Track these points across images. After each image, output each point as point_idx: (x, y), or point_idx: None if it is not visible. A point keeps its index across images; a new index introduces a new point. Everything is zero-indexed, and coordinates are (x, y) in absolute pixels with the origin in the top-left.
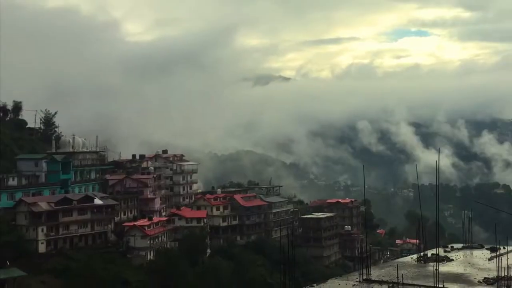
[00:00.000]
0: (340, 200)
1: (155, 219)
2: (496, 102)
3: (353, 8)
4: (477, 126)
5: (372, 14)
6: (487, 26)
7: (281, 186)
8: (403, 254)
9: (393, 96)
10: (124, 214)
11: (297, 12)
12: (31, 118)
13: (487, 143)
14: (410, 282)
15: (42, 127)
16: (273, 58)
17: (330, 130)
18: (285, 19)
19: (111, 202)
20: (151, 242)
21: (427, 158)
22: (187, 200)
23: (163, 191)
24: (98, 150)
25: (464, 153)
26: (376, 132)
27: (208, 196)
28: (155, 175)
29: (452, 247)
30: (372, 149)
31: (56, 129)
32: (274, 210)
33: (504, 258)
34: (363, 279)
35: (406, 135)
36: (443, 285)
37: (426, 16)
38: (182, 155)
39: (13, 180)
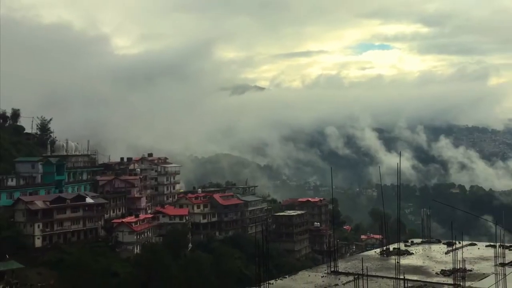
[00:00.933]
0: (310, 199)
1: (142, 216)
2: (452, 109)
3: (322, 24)
4: (435, 132)
5: (339, 29)
6: (443, 40)
7: (256, 186)
8: (367, 248)
9: (358, 104)
10: (113, 212)
11: (270, 27)
12: (28, 124)
13: (444, 147)
14: (374, 274)
15: (38, 132)
16: (248, 69)
17: (301, 135)
18: (259, 34)
19: (101, 201)
20: (138, 237)
21: (389, 160)
22: (171, 199)
23: (148, 191)
24: (89, 153)
25: (423, 156)
26: (342, 137)
27: (189, 195)
28: (141, 176)
29: (412, 241)
30: (339, 153)
31: (51, 134)
32: (249, 208)
33: (459, 252)
34: (331, 271)
35: (370, 140)
36: (404, 277)
37: (388, 31)
38: (166, 158)
39: (12, 180)
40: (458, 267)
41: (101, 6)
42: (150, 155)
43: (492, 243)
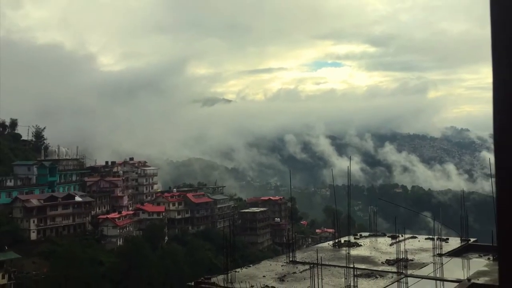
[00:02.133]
0: (271, 197)
1: (124, 212)
2: (396, 119)
3: (282, 44)
4: (380, 139)
5: (297, 49)
6: (388, 59)
7: (224, 186)
8: (321, 241)
9: (314, 114)
10: (99, 209)
11: (237, 47)
12: (25, 132)
13: (389, 152)
14: (327, 263)
15: (34, 139)
16: (217, 84)
17: (263, 142)
18: (227, 53)
19: (88, 199)
20: (121, 231)
21: (340, 164)
22: (149, 197)
23: (130, 190)
24: (78, 158)
25: (370, 160)
26: (300, 143)
27: (166, 194)
28: (123, 178)
29: (360, 235)
30: (297, 157)
31: (44, 141)
32: (218, 206)
33: (402, 244)
34: (289, 260)
35: (324, 146)
36: (354, 265)
37: (339, 51)
38: (145, 162)
39: (10, 181)
40: (401, 257)
41: (88, 29)
42: (131, 159)
43: (430, 236)
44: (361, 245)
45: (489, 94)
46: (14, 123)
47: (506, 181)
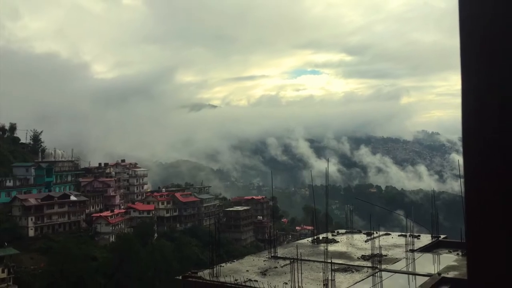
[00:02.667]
0: (254, 197)
1: (116, 211)
2: (370, 123)
3: (264, 53)
4: (356, 142)
5: (278, 58)
6: (363, 67)
7: (210, 186)
8: (301, 237)
9: (294, 119)
10: (93, 207)
11: (222, 56)
12: (23, 136)
13: (364, 154)
14: (306, 258)
15: (31, 142)
16: (203, 91)
17: (246, 145)
18: (213, 61)
19: (83, 198)
20: (113, 228)
21: (319, 165)
22: (140, 197)
23: (121, 190)
24: (73, 159)
25: (347, 162)
26: (281, 146)
27: (155, 194)
28: (115, 178)
29: (337, 232)
30: (278, 159)
31: (42, 144)
32: (204, 205)
33: (376, 240)
34: (271, 256)
35: (303, 148)
36: (331, 260)
37: (318, 60)
38: (136, 163)
39: (9, 182)
40: (376, 253)
41: (83, 39)
42: (123, 161)
43: (403, 233)
44: (338, 242)
45: (458, 100)
46: (13, 127)
47: (474, 182)
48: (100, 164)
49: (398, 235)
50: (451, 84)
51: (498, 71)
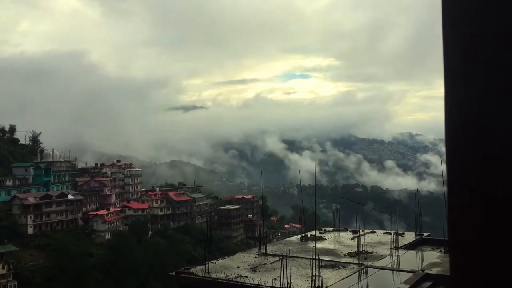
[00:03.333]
0: (244, 196)
1: (112, 209)
2: (357, 125)
3: (255, 58)
4: (343, 143)
5: (269, 62)
6: (351, 71)
7: (202, 186)
8: (289, 235)
9: (284, 121)
10: (89, 206)
11: (215, 60)
12: (23, 137)
13: (350, 155)
14: (295, 255)
15: (30, 143)
16: (197, 93)
17: (238, 146)
18: (206, 65)
19: (80, 197)
20: (109, 226)
21: (307, 166)
22: (135, 196)
23: (117, 189)
24: (70, 160)
25: (334, 162)
26: (271, 147)
27: (149, 193)
28: (111, 178)
29: (325, 229)
30: (268, 159)
31: (40, 145)
32: (197, 203)
33: (362, 238)
34: (261, 253)
35: (289, 149)
36: (319, 257)
37: (307, 64)
38: (131, 164)
39: (9, 181)
40: (362, 250)
41: (84, 44)
42: (118, 161)
43: (388, 231)
44: (325, 239)
45: (440, 103)
46: (13, 129)
47: (456, 182)
48: (96, 164)
49: (383, 233)
50: (434, 87)
51: (480, 80)
